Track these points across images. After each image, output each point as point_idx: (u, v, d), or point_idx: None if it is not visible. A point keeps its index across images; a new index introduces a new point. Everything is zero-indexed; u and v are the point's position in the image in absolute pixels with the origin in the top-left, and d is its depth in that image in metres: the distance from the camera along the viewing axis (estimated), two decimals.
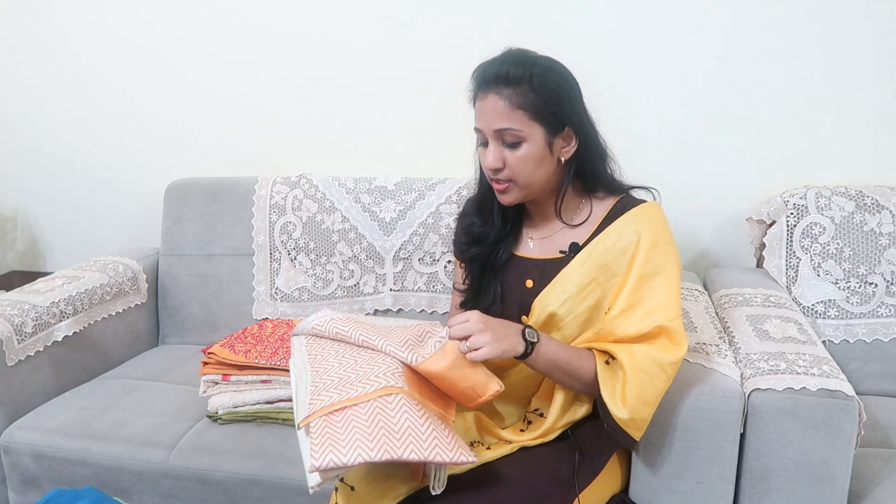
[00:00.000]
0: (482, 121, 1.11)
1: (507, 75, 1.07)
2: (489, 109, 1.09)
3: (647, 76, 1.73)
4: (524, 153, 1.10)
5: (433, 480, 0.99)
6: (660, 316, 1.05)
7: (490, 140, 1.11)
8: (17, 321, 1.51)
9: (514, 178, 1.12)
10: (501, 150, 1.11)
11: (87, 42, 2.07)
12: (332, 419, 0.94)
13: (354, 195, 1.81)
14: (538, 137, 1.10)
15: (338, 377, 1.03)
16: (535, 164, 1.11)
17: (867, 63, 1.63)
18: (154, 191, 2.01)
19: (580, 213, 1.20)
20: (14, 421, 1.49)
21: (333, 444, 0.90)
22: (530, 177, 1.12)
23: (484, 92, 1.10)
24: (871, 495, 1.14)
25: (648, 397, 1.03)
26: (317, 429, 0.93)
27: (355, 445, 0.90)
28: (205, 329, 1.89)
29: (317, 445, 0.90)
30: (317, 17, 1.90)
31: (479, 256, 1.26)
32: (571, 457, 1.12)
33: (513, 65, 1.08)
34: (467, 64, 1.15)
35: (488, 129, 1.10)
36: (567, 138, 1.13)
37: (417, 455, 0.91)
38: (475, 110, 1.14)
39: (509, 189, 1.14)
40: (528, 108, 1.08)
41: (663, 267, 1.10)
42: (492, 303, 1.24)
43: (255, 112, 2.01)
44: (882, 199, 1.54)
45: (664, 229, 1.13)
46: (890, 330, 1.51)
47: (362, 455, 0.89)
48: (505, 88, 1.08)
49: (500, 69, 1.08)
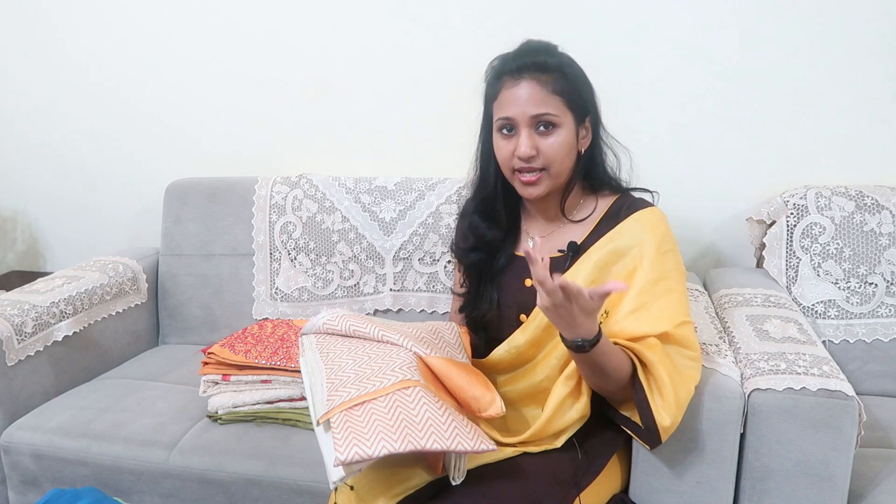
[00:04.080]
0: (514, 108, 1.11)
1: (544, 63, 1.10)
2: (524, 95, 1.10)
3: (649, 77, 1.73)
4: (559, 139, 1.11)
5: (453, 471, 1.00)
6: (666, 322, 1.04)
7: (522, 127, 1.11)
8: (17, 321, 1.51)
9: (547, 166, 1.12)
10: (534, 138, 1.11)
11: (87, 42, 2.07)
12: (352, 413, 0.95)
13: (354, 195, 1.81)
14: (570, 124, 1.12)
15: (353, 373, 1.04)
16: (566, 152, 1.12)
17: (867, 63, 1.63)
18: (154, 191, 2.01)
19: (582, 210, 1.20)
20: (14, 421, 1.49)
21: (357, 437, 0.91)
22: (562, 164, 1.13)
23: (515, 79, 1.11)
24: (871, 495, 1.14)
25: (683, 400, 1.03)
26: (338, 424, 0.93)
27: (379, 438, 0.90)
28: (205, 329, 1.89)
29: (340, 439, 0.91)
30: (317, 17, 1.89)
31: (477, 262, 1.25)
32: (572, 457, 1.11)
33: (545, 53, 1.11)
34: (468, 64, 1.15)
35: (523, 116, 1.10)
36: (586, 129, 1.15)
37: (440, 445, 0.91)
38: (499, 100, 1.13)
39: (540, 179, 1.13)
40: (562, 93, 1.10)
41: (668, 274, 1.09)
42: (489, 308, 1.23)
43: (256, 112, 2.01)
44: (882, 199, 1.54)
45: (667, 236, 1.13)
46: (890, 330, 1.51)
47: (387, 447, 0.89)
48: (542, 74, 1.09)
49: (534, 58, 1.10)
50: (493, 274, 1.25)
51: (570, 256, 1.16)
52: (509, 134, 1.13)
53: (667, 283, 1.08)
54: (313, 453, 1.33)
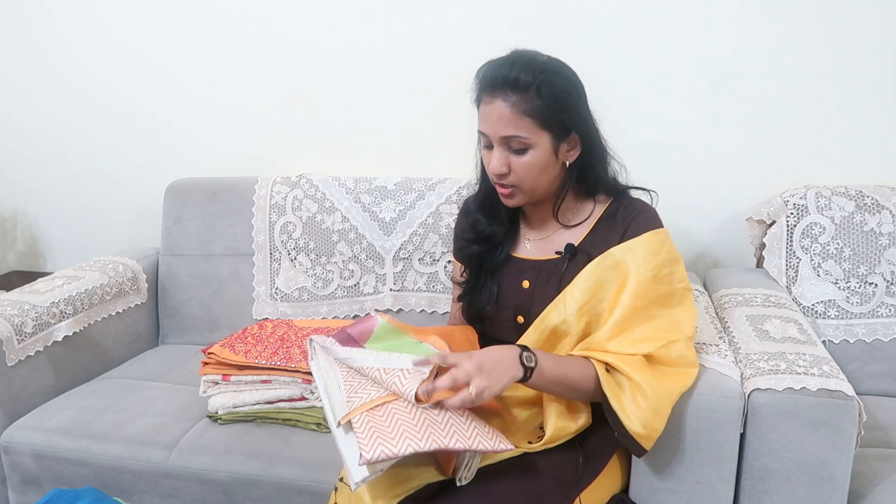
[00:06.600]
0: (488, 125, 1.10)
1: (516, 81, 1.05)
2: (495, 115, 1.07)
3: (650, 77, 1.73)
4: (530, 160, 1.09)
5: (463, 471, 1.01)
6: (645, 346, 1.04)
7: (496, 145, 1.10)
8: (17, 321, 1.51)
9: (518, 184, 1.12)
10: (507, 156, 1.10)
11: (87, 42, 2.07)
12: (374, 414, 0.96)
13: (354, 195, 1.81)
14: (544, 144, 1.09)
15: (370, 377, 1.04)
16: (540, 171, 1.10)
17: (867, 63, 1.63)
18: (154, 191, 2.01)
19: (578, 215, 1.20)
20: (14, 421, 1.49)
21: (381, 436, 0.92)
22: (534, 182, 1.11)
23: (490, 96, 1.08)
24: (871, 495, 1.14)
25: (662, 407, 1.02)
26: (361, 424, 0.94)
27: (403, 437, 0.91)
28: (205, 329, 1.89)
29: (365, 439, 0.91)
30: (317, 17, 1.90)
31: (478, 255, 1.25)
32: (572, 457, 1.11)
33: (521, 70, 1.05)
34: (468, 64, 1.15)
35: (494, 135, 1.09)
36: (572, 143, 1.13)
37: (462, 444, 0.93)
38: (479, 112, 1.13)
39: (514, 194, 1.14)
40: (535, 115, 1.06)
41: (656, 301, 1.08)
42: (487, 301, 1.23)
43: (256, 112, 2.01)
44: (882, 199, 1.54)
45: (667, 260, 1.10)
46: (890, 330, 1.51)
47: (412, 445, 0.90)
48: (513, 94, 1.06)
49: (508, 73, 1.06)
50: (493, 268, 1.25)
51: (567, 258, 1.16)
52: (488, 147, 1.13)
53: (652, 311, 1.07)
54: (313, 453, 1.33)
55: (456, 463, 1.03)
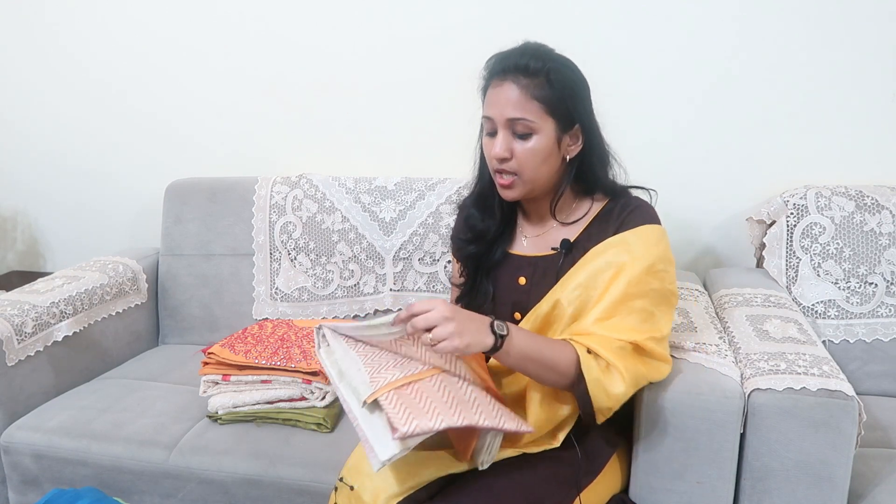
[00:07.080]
0: (494, 108, 1.10)
1: (527, 66, 1.08)
2: (504, 97, 1.09)
3: (651, 78, 1.73)
4: (534, 145, 1.09)
5: (484, 454, 1.02)
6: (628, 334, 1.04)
7: (500, 129, 1.10)
8: (17, 321, 1.51)
9: (519, 171, 1.11)
10: (511, 140, 1.10)
11: (87, 42, 2.07)
12: (402, 392, 0.97)
13: (354, 195, 1.81)
14: (549, 132, 1.10)
15: (391, 359, 1.05)
16: (542, 159, 1.11)
17: (867, 63, 1.63)
18: (154, 191, 2.01)
19: (575, 212, 1.20)
20: (14, 421, 1.49)
21: (414, 411, 0.92)
22: (535, 171, 1.11)
23: (500, 80, 1.10)
24: (871, 495, 1.14)
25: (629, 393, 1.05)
26: (390, 401, 0.94)
27: (436, 412, 0.92)
28: (205, 329, 1.89)
29: (398, 414, 0.92)
30: (317, 17, 1.90)
31: (474, 255, 1.26)
32: (572, 457, 1.11)
33: (532, 57, 1.08)
34: (468, 64, 1.15)
35: (500, 117, 1.10)
36: (574, 137, 1.13)
37: (490, 422, 0.95)
38: (486, 98, 1.13)
39: (514, 184, 1.13)
40: (543, 100, 1.08)
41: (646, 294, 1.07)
42: (483, 301, 1.24)
43: (256, 112, 2.01)
44: (882, 199, 1.54)
45: (663, 256, 1.10)
46: (890, 330, 1.51)
47: (445, 420, 0.91)
48: (523, 78, 1.08)
49: (519, 60, 1.08)
50: (489, 267, 1.25)
51: (563, 254, 1.16)
52: (491, 133, 1.13)
53: (639, 303, 1.07)
54: (313, 453, 1.33)
55: (476, 446, 1.03)
